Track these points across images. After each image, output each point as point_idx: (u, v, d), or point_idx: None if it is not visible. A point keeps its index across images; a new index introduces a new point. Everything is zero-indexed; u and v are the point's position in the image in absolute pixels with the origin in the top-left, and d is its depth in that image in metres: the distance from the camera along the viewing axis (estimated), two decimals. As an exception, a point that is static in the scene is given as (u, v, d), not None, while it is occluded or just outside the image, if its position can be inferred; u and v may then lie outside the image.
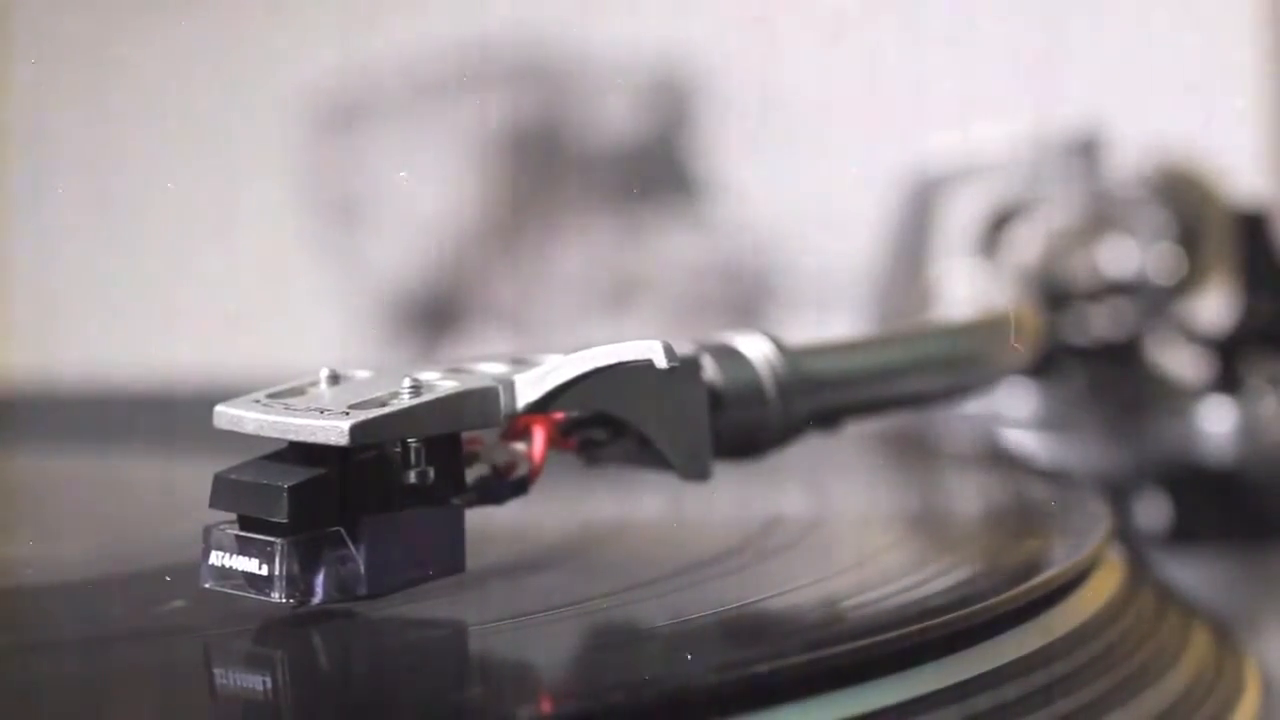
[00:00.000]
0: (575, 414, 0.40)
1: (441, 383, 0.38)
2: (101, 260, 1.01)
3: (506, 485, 0.40)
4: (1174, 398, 0.61)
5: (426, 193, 0.99)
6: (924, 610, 0.38)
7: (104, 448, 0.63)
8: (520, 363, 0.39)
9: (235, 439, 0.38)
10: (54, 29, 0.99)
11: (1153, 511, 0.60)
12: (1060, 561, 0.42)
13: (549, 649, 0.37)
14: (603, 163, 0.97)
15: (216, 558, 0.37)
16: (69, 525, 0.53)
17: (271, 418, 0.37)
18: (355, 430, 0.36)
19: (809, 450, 0.45)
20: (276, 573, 0.36)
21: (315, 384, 0.39)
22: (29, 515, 0.57)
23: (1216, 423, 0.61)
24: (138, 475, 0.59)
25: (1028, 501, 0.53)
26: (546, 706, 0.34)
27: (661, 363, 0.38)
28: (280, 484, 0.36)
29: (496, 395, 0.38)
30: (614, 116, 0.97)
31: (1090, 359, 0.62)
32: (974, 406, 0.59)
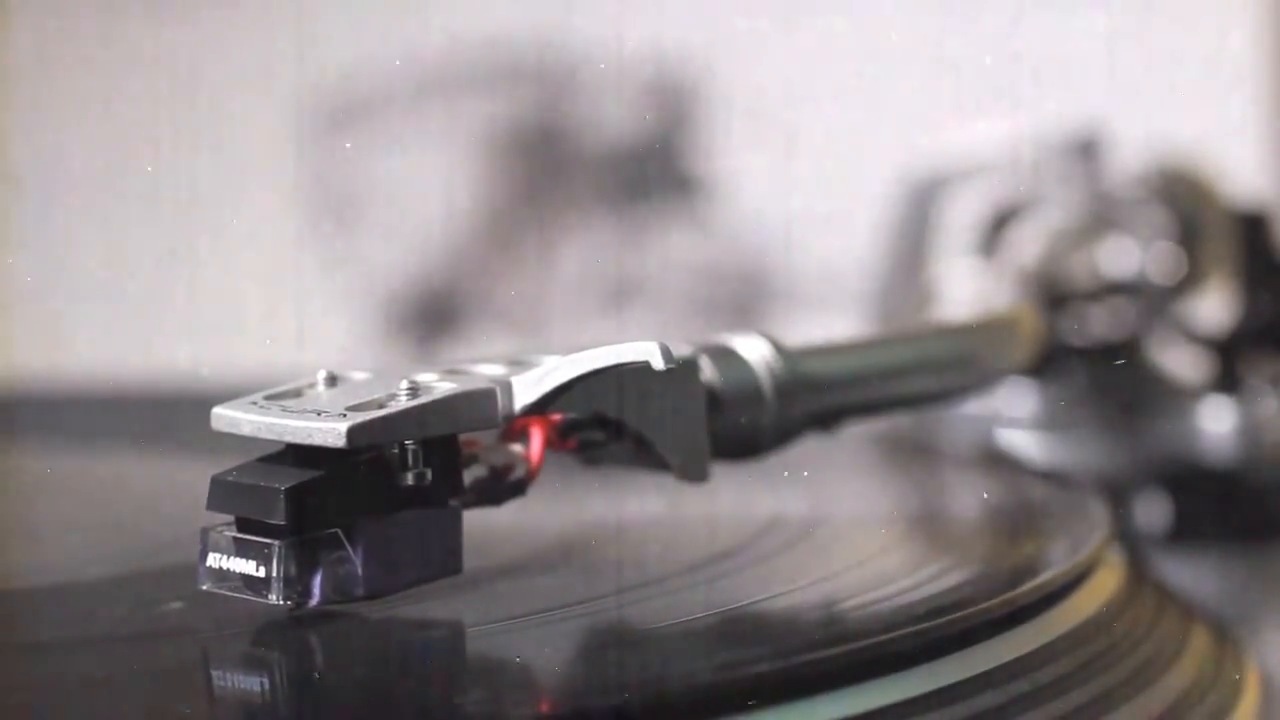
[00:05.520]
0: (573, 415, 0.40)
1: (439, 384, 0.38)
2: (101, 260, 1.01)
3: (504, 486, 0.40)
4: (1174, 398, 0.61)
5: (426, 193, 0.99)
6: (924, 611, 0.38)
7: (104, 448, 0.63)
8: (518, 364, 0.39)
9: (233, 441, 0.37)
10: (54, 29, 0.99)
11: (1153, 511, 0.60)
12: (1060, 562, 0.42)
13: (548, 650, 0.37)
14: (603, 163, 0.97)
15: (214, 560, 0.37)
16: (69, 525, 0.53)
17: (269, 419, 0.37)
18: (353, 432, 0.36)
19: (809, 451, 0.45)
20: (274, 574, 0.36)
21: (313, 386, 0.39)
22: (29, 515, 0.57)
23: (1216, 423, 0.60)
24: (137, 475, 0.59)
25: (1027, 502, 0.53)
26: (545, 707, 0.34)
27: (659, 364, 0.38)
28: (278, 486, 0.36)
29: (494, 397, 0.38)
30: (614, 116, 0.97)
31: (1090, 359, 0.62)
32: (974, 406, 0.59)
